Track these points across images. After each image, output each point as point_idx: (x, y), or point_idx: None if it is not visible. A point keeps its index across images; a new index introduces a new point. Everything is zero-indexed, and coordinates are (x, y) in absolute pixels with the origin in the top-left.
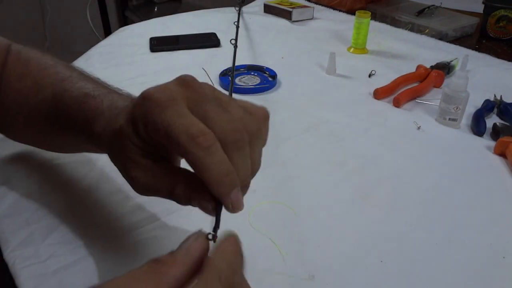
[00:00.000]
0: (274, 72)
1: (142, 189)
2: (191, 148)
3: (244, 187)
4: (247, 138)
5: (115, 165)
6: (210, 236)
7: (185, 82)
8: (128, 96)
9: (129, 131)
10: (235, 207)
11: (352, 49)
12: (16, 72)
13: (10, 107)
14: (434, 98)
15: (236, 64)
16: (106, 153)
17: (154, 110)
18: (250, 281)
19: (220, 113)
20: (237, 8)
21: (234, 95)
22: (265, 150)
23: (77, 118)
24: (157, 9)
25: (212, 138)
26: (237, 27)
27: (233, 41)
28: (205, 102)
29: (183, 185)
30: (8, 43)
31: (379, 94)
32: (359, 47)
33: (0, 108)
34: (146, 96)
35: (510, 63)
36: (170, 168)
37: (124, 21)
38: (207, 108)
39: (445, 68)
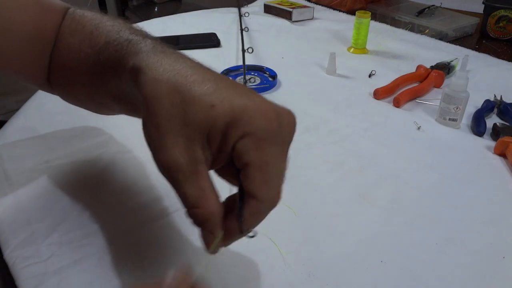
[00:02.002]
0: (274, 72)
1: (169, 173)
2: (270, 201)
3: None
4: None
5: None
6: (251, 233)
7: (292, 125)
8: (189, 57)
9: (220, 123)
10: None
11: (352, 49)
12: (71, 28)
13: (62, 63)
14: (434, 98)
15: (236, 64)
16: (140, 101)
17: (264, 136)
18: (250, 281)
19: (283, 180)
20: (245, 14)
21: None
22: None
23: (127, 53)
24: (157, 9)
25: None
26: (241, 30)
27: (250, 50)
28: (287, 155)
29: (208, 212)
30: (67, 7)
31: (379, 94)
32: (359, 47)
33: (54, 66)
34: (262, 114)
35: (510, 63)
36: (211, 182)
37: None
38: (284, 165)
39: (445, 68)
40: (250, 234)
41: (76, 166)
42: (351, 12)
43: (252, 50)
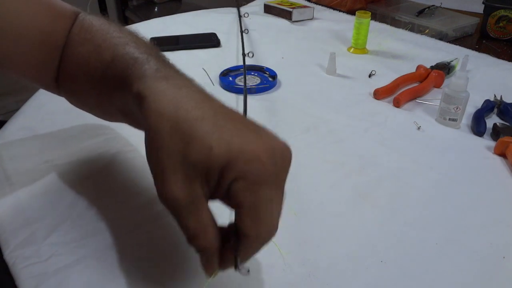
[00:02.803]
0: (274, 72)
1: (171, 207)
2: (261, 239)
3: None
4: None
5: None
6: (244, 272)
7: (286, 160)
8: (192, 81)
9: (217, 165)
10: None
11: (352, 49)
12: (80, 37)
13: (71, 71)
14: (434, 98)
15: (236, 64)
16: (144, 125)
17: (255, 179)
18: (250, 281)
19: (279, 212)
20: (244, 14)
21: (234, 95)
22: None
23: (133, 74)
24: (157, 9)
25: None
26: (241, 32)
27: (250, 54)
28: (282, 189)
29: (207, 243)
30: (77, 12)
31: (379, 94)
32: (359, 47)
33: (63, 72)
34: (255, 158)
35: (510, 63)
36: (209, 215)
37: (124, 21)
38: (278, 199)
39: (445, 68)
40: (243, 272)
41: (76, 166)
42: (351, 12)
43: (253, 55)
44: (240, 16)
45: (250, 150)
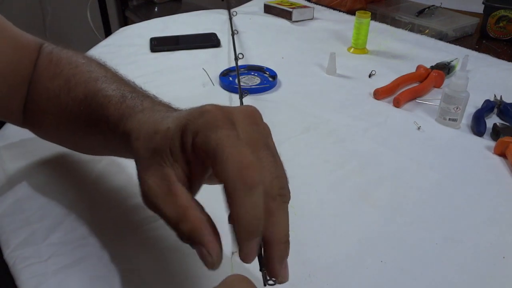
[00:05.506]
0: (274, 72)
1: (149, 202)
2: (235, 178)
3: (287, 243)
4: (289, 196)
5: (139, 168)
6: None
7: (251, 117)
8: (169, 105)
9: (175, 136)
10: (247, 258)
11: (352, 49)
12: (48, 72)
13: (40, 106)
14: (434, 98)
15: (230, 65)
16: (131, 156)
17: (210, 126)
18: None
19: (273, 164)
20: (230, 13)
21: (234, 95)
22: None
23: (111, 116)
24: (157, 9)
25: (259, 177)
26: (233, 35)
27: (240, 56)
28: (262, 147)
29: (191, 224)
30: (41, 43)
31: (379, 94)
32: (359, 47)
33: (31, 107)
34: (205, 110)
35: (510, 63)
36: (188, 197)
37: (124, 21)
38: (263, 154)
39: (445, 68)
40: (270, 282)
41: (76, 166)
42: (351, 12)
43: (243, 56)
44: (230, 18)
45: (199, 110)
